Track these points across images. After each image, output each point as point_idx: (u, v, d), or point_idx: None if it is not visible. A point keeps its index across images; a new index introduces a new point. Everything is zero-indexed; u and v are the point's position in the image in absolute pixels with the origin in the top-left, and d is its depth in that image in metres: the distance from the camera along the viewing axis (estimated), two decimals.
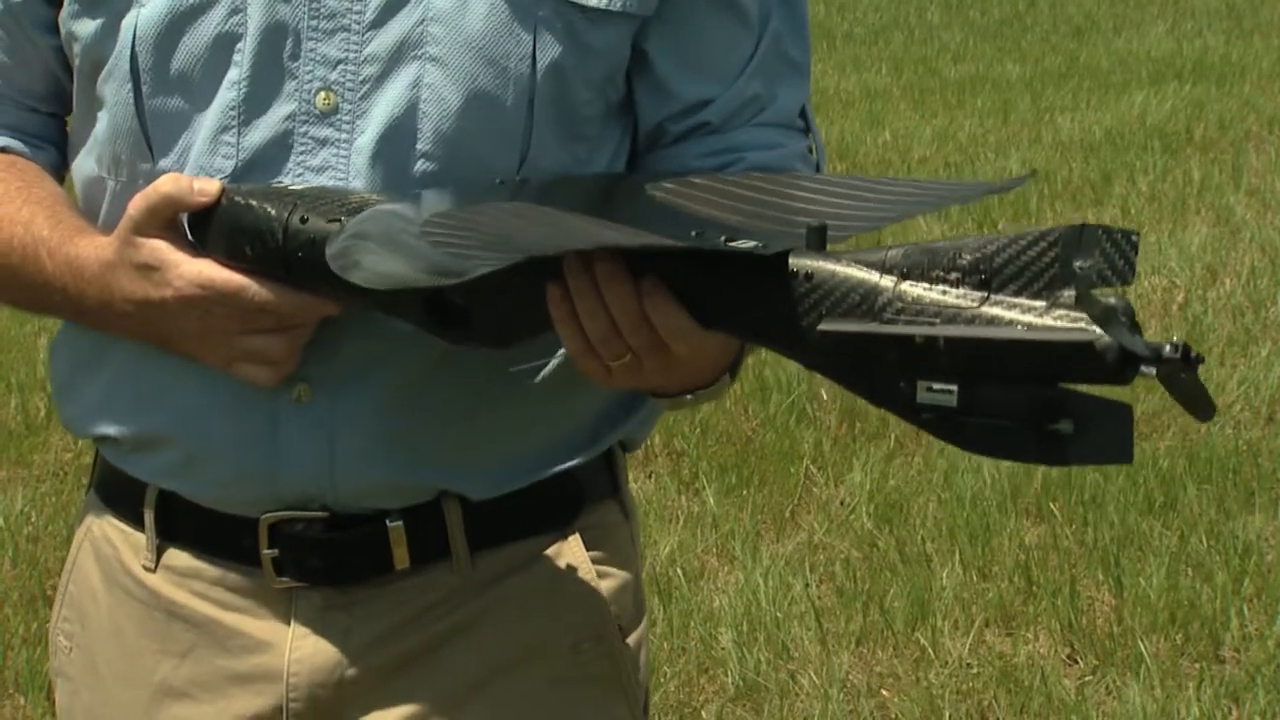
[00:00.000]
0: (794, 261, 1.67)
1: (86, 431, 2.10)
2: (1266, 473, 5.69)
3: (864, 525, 5.53)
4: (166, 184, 1.84)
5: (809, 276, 1.67)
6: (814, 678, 4.68)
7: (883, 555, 5.33)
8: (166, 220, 1.84)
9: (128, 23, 1.92)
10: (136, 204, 1.84)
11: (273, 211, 1.82)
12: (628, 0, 1.95)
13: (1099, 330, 1.58)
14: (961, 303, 1.64)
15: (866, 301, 1.66)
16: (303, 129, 1.92)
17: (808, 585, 5.12)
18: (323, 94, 1.91)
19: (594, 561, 2.13)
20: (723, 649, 4.79)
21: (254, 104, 1.91)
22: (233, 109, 1.91)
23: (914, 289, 1.65)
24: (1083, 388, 1.64)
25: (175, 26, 1.91)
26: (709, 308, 1.73)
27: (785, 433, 6.10)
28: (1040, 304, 1.63)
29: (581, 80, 1.96)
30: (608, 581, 2.14)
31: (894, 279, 1.66)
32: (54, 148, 2.08)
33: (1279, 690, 4.54)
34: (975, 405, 1.65)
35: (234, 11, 1.89)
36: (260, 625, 2.04)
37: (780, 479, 5.84)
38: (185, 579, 2.06)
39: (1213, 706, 4.47)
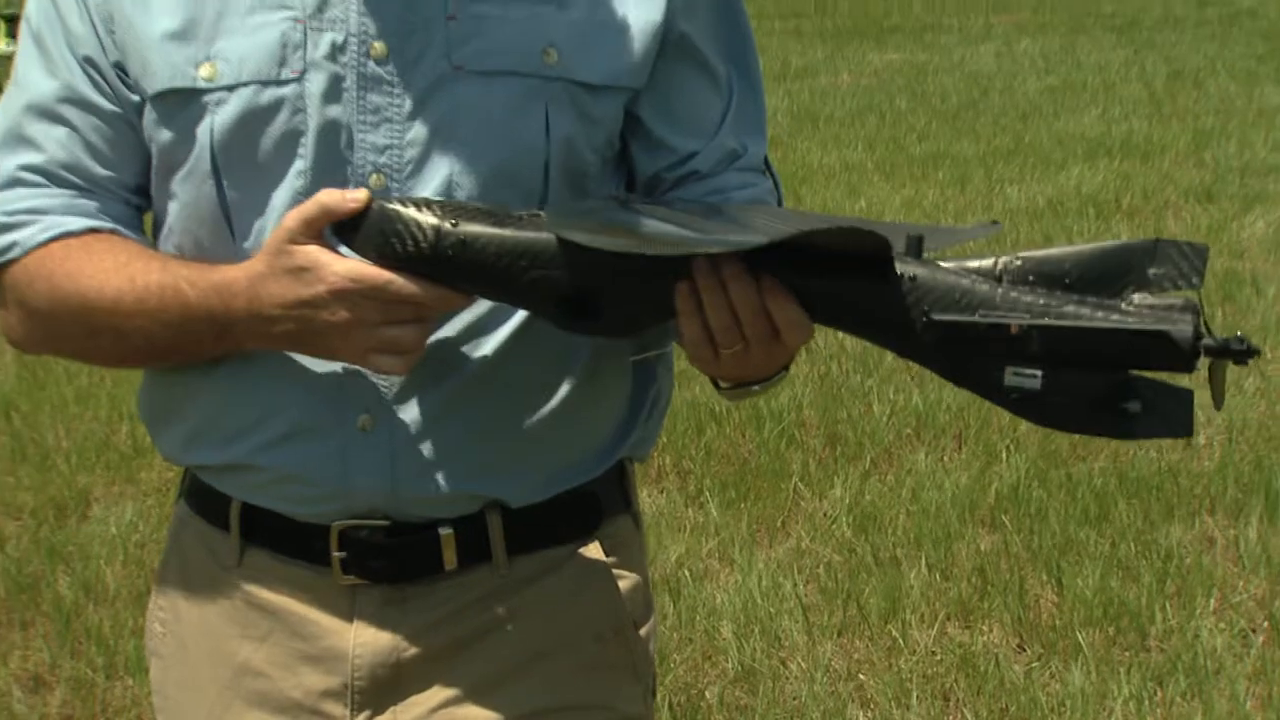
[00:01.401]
0: (900, 266, 1.72)
1: (180, 462, 2.12)
2: (1185, 490, 5.68)
3: (844, 533, 5.51)
4: (323, 196, 1.84)
5: (914, 279, 1.72)
6: (801, 664, 4.68)
7: (860, 559, 5.31)
8: (318, 230, 1.84)
9: (203, 128, 1.93)
10: (291, 217, 1.84)
11: (424, 217, 1.83)
12: (623, 76, 1.98)
13: (1179, 322, 1.66)
14: (1051, 300, 1.70)
15: (969, 298, 1.72)
16: None
17: (796, 585, 5.11)
18: (374, 175, 1.93)
19: (611, 565, 2.15)
20: (724, 639, 4.78)
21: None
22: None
23: (1008, 290, 1.72)
24: (1146, 374, 1.71)
25: (248, 129, 1.92)
26: (819, 304, 1.77)
27: (777, 455, 6.08)
28: (1118, 301, 1.70)
29: (587, 145, 1.99)
30: (623, 582, 2.16)
31: (990, 282, 1.73)
32: (142, 234, 2.06)
33: (1196, 675, 4.53)
34: (1057, 387, 1.71)
35: (295, 112, 1.91)
36: (328, 615, 2.05)
37: (772, 494, 5.82)
38: (264, 575, 2.07)
39: (1140, 689, 4.46)
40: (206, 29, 1.93)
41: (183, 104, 1.94)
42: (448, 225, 1.81)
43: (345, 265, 1.83)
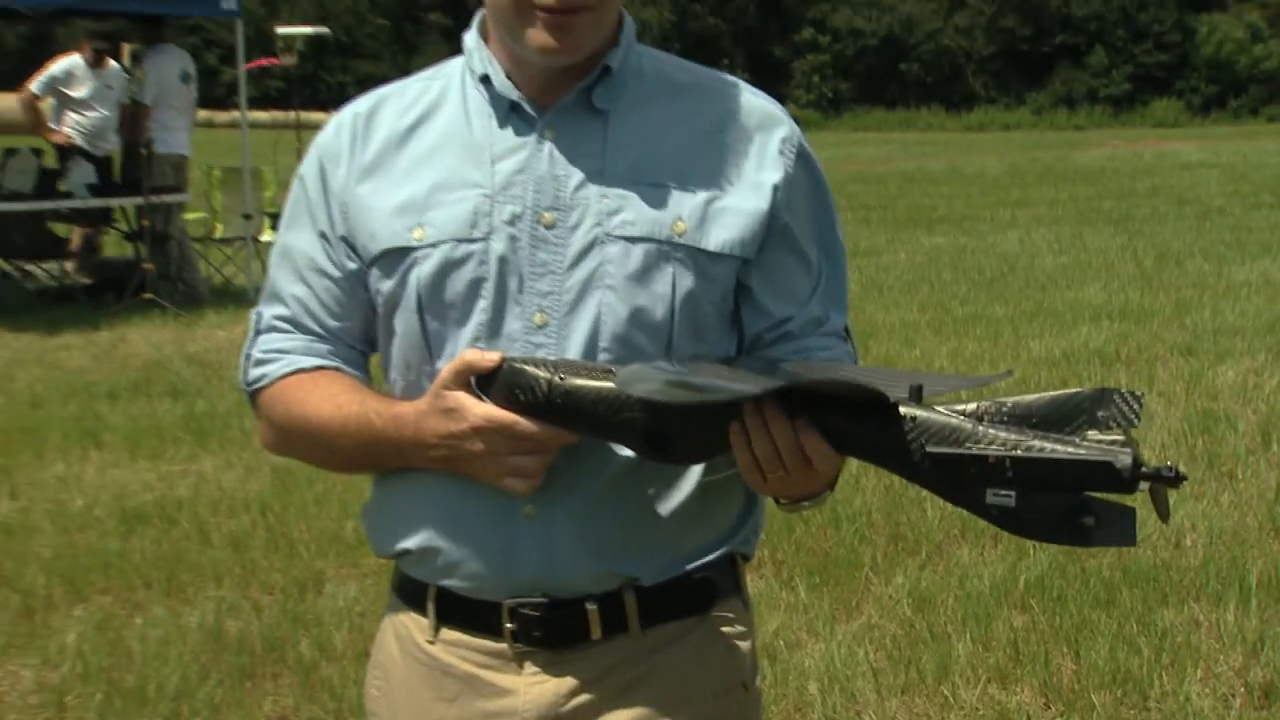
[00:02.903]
0: (903, 410, 1.78)
1: (386, 552, 2.15)
2: (1175, 581, 5.63)
3: (905, 612, 5.46)
4: (468, 354, 1.94)
5: (914, 419, 1.77)
6: (872, 716, 4.63)
7: (918, 633, 5.27)
8: (464, 380, 1.92)
9: (413, 275, 2.01)
10: (446, 370, 1.94)
11: (540, 373, 1.90)
12: (736, 248, 2.02)
13: (1120, 455, 1.69)
14: (1021, 437, 1.73)
15: (955, 435, 1.76)
16: (525, 337, 1.99)
17: (867, 653, 5.07)
18: (538, 314, 1.99)
19: (725, 637, 2.15)
20: (810, 695, 4.74)
21: (495, 322, 2.00)
22: (482, 326, 2.00)
23: (988, 428, 1.76)
24: (1099, 495, 1.73)
25: (444, 277, 2.00)
26: (842, 439, 1.81)
27: (851, 549, 6.05)
28: (1074, 439, 1.74)
29: (705, 299, 2.02)
30: (735, 651, 2.16)
31: (973, 421, 1.77)
32: (365, 374, 2.14)
33: None
34: (1027, 505, 1.74)
35: (481, 263, 1.98)
36: (503, 677, 2.07)
37: (848, 580, 5.79)
38: (455, 648, 2.10)
39: None
40: (420, 204, 2.02)
41: (399, 259, 2.02)
42: (557, 380, 1.89)
43: (482, 409, 1.92)
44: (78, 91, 13.65)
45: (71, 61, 13.76)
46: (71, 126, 13.65)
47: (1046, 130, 57.69)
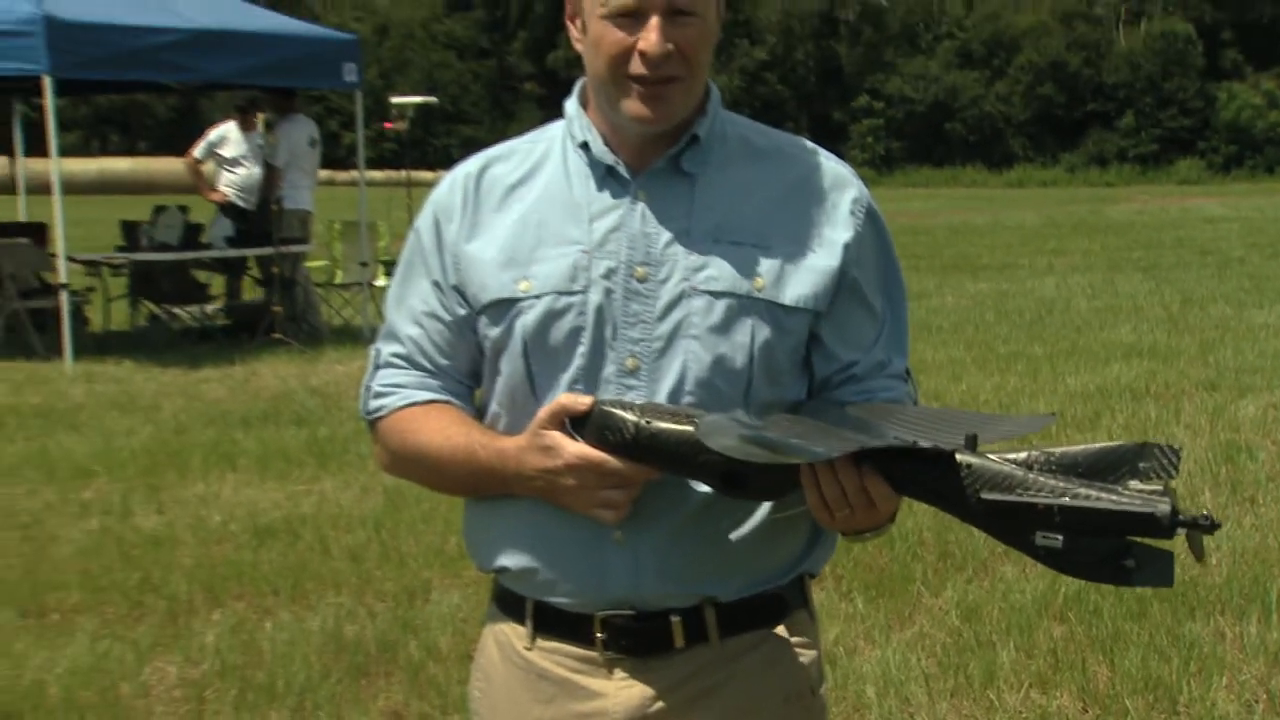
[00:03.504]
0: (960, 458, 1.75)
1: (487, 568, 2.15)
2: (1202, 597, 5.53)
3: (953, 623, 5.40)
4: (563, 398, 1.95)
5: (969, 467, 1.75)
6: (925, 716, 4.59)
7: (965, 641, 5.20)
8: (560, 421, 1.93)
9: (517, 325, 2.01)
10: (544, 412, 1.96)
11: (628, 416, 1.90)
12: (810, 302, 2.02)
13: (1159, 504, 1.67)
14: (1068, 485, 1.71)
15: (1008, 482, 1.74)
16: (618, 380, 1.99)
17: (919, 659, 5.02)
18: (630, 359, 1.99)
19: (794, 646, 2.14)
20: (868, 698, 4.69)
21: (592, 366, 2.00)
22: (580, 369, 2.00)
23: (1038, 476, 1.73)
24: (1140, 539, 1.72)
25: (547, 325, 2.00)
26: (903, 483, 1.80)
27: (905, 565, 5.99)
28: (1117, 488, 1.71)
29: (781, 349, 2.01)
30: (803, 658, 2.15)
31: (1024, 469, 1.75)
32: (470, 406, 2.14)
33: None
34: (1074, 548, 1.71)
35: (580, 314, 1.99)
36: (594, 681, 2.07)
37: (902, 593, 5.74)
38: (550, 654, 2.10)
39: None
40: (524, 258, 2.03)
41: (506, 309, 2.03)
42: (643, 423, 1.89)
43: (576, 448, 1.92)
44: (230, 152, 13.85)
45: (226, 127, 13.99)
46: (226, 184, 13.84)
47: (1080, 187, 57.28)
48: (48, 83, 11.37)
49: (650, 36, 1.92)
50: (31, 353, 12.07)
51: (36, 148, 14.40)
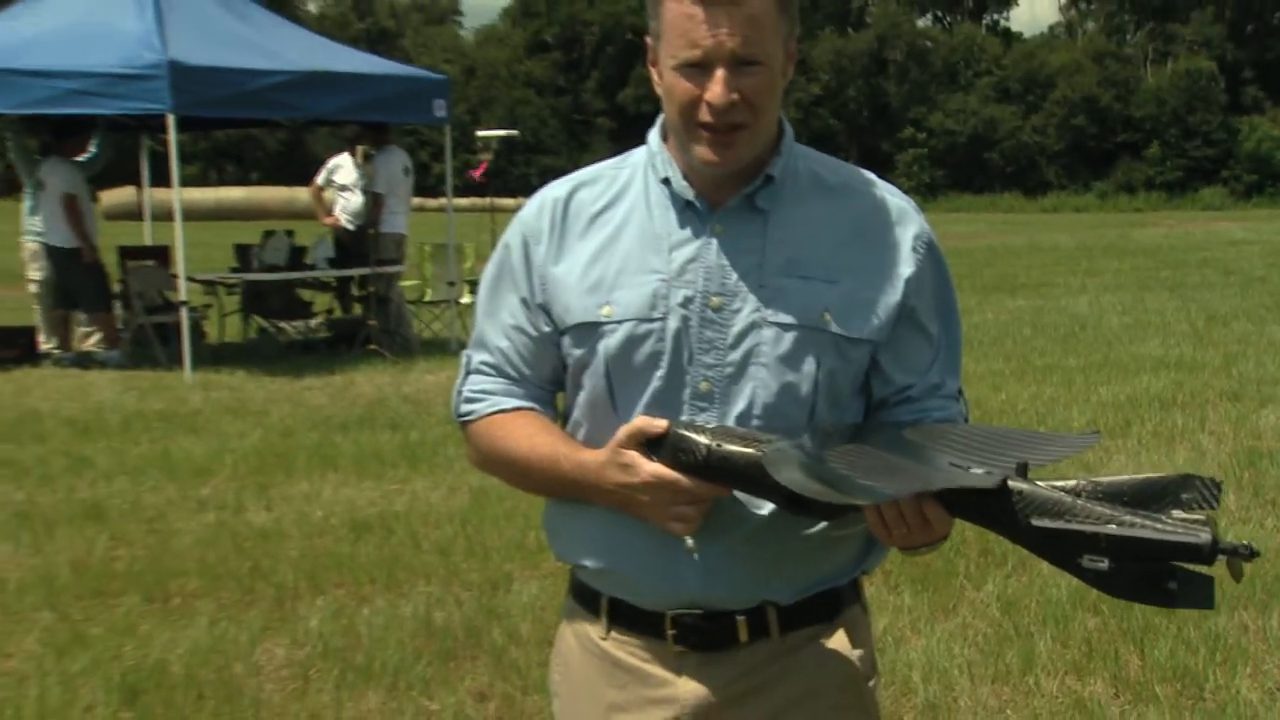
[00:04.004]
0: (1011, 484, 1.72)
1: (567, 562, 2.15)
2: (1227, 592, 5.33)
3: (994, 614, 5.35)
4: (639, 421, 1.94)
5: (1021, 494, 1.72)
6: (967, 701, 4.54)
7: (1005, 632, 5.16)
8: (638, 442, 1.92)
9: (601, 346, 2.00)
10: (622, 432, 1.95)
11: (700, 439, 1.89)
12: (872, 334, 2.00)
13: (1201, 534, 1.65)
14: (1115, 513, 1.69)
15: (1057, 508, 1.71)
16: (692, 402, 1.98)
17: (962, 648, 4.98)
18: (703, 383, 1.98)
19: (848, 638, 2.12)
20: (914, 683, 4.66)
21: (668, 388, 1.98)
22: (658, 391, 1.99)
23: (1086, 504, 1.70)
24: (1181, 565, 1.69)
25: (628, 349, 1.99)
26: (958, 507, 1.77)
27: (948, 561, 5.93)
28: (1160, 517, 1.69)
29: (843, 377, 2.00)
30: (857, 650, 2.13)
31: (1074, 497, 1.72)
32: (552, 409, 2.14)
33: (1237, 719, 4.35)
34: (1119, 571, 1.69)
35: (659, 340, 1.97)
36: (664, 671, 2.07)
37: (946, 587, 5.69)
38: (623, 645, 2.10)
39: None
40: (607, 285, 2.01)
41: (589, 332, 2.02)
42: (714, 446, 1.88)
43: (651, 467, 1.92)
44: (344, 180, 13.97)
45: (341, 157, 14.10)
46: (340, 210, 13.95)
47: (1110, 212, 56.81)
48: (171, 120, 11.52)
49: (715, 89, 1.89)
50: (156, 363, 12.21)
51: (160, 178, 14.55)
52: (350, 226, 13.84)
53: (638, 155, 2.11)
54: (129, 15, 12.10)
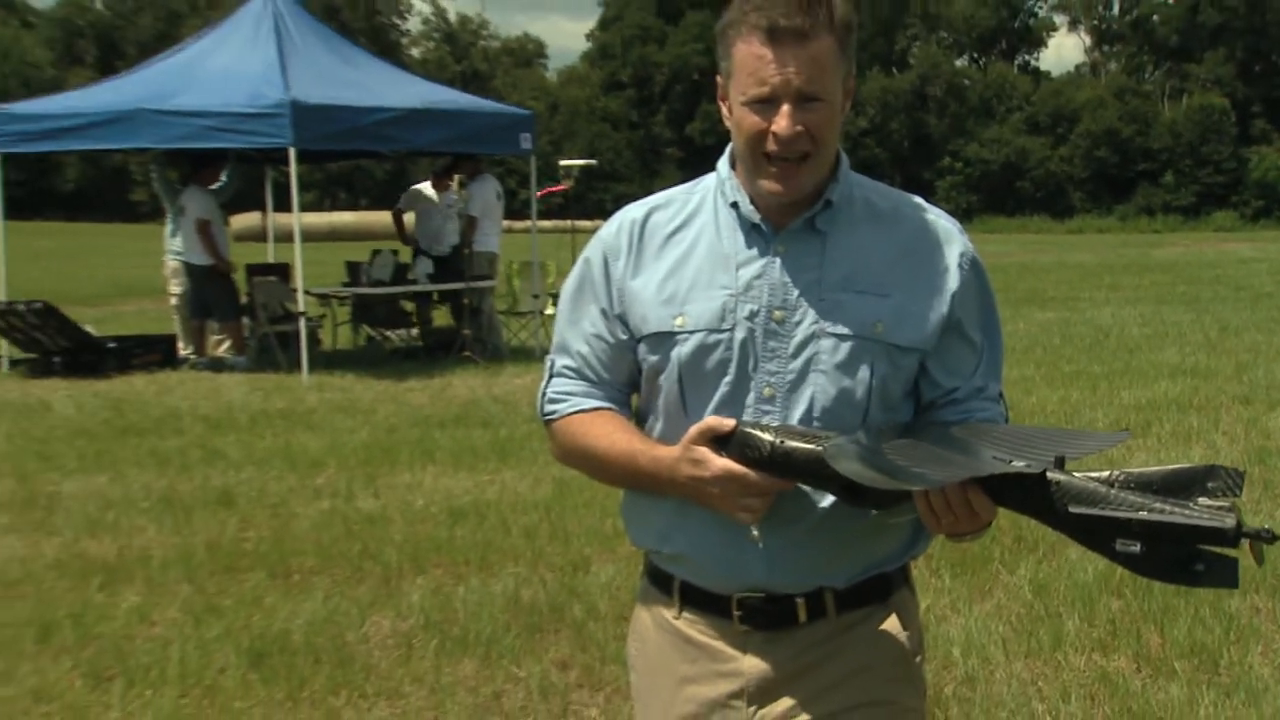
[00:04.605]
0: (1050, 475, 1.71)
1: (642, 548, 2.14)
2: (1240, 577, 5.30)
3: (1026, 596, 5.29)
4: (710, 420, 1.93)
5: (1059, 484, 1.71)
6: (1002, 674, 4.49)
7: (1037, 612, 5.10)
8: (708, 439, 1.91)
9: (675, 354, 2.00)
10: (694, 430, 1.93)
11: (764, 436, 1.87)
12: (921, 343, 1.98)
13: (1226, 519, 1.62)
14: (1146, 501, 1.66)
15: (1092, 497, 1.69)
16: (757, 405, 1.96)
17: (998, 626, 4.93)
18: (767, 388, 1.96)
19: (898, 619, 2.10)
20: (954, 658, 4.62)
21: (735, 392, 1.97)
22: (725, 395, 1.98)
23: (1119, 493, 1.68)
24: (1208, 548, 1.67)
25: (699, 356, 1.98)
26: (1001, 496, 1.75)
27: (984, 547, 5.86)
28: (1188, 504, 1.66)
29: (894, 382, 1.98)
30: (906, 628, 2.11)
31: (1108, 486, 1.69)
32: (627, 410, 2.13)
33: (1252, 692, 4.25)
34: (1150, 554, 1.66)
35: (727, 348, 1.96)
36: (731, 648, 2.06)
37: (982, 570, 5.64)
38: (693, 624, 2.09)
39: (1216, 699, 4.20)
40: (680, 298, 2.01)
41: (664, 340, 2.01)
42: (778, 443, 1.87)
43: (721, 463, 1.90)
44: (423, 207, 14.08)
45: (422, 185, 14.20)
46: (420, 232, 14.06)
47: (1131, 233, 56.00)
48: (292, 153, 11.68)
49: (782, 122, 1.89)
50: (277, 367, 12.36)
51: (282, 204, 14.74)
52: (426, 249, 13.90)
53: (708, 181, 2.10)
54: (256, 60, 12.32)
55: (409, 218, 14.27)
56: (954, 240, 2.05)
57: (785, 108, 1.89)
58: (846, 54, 1.94)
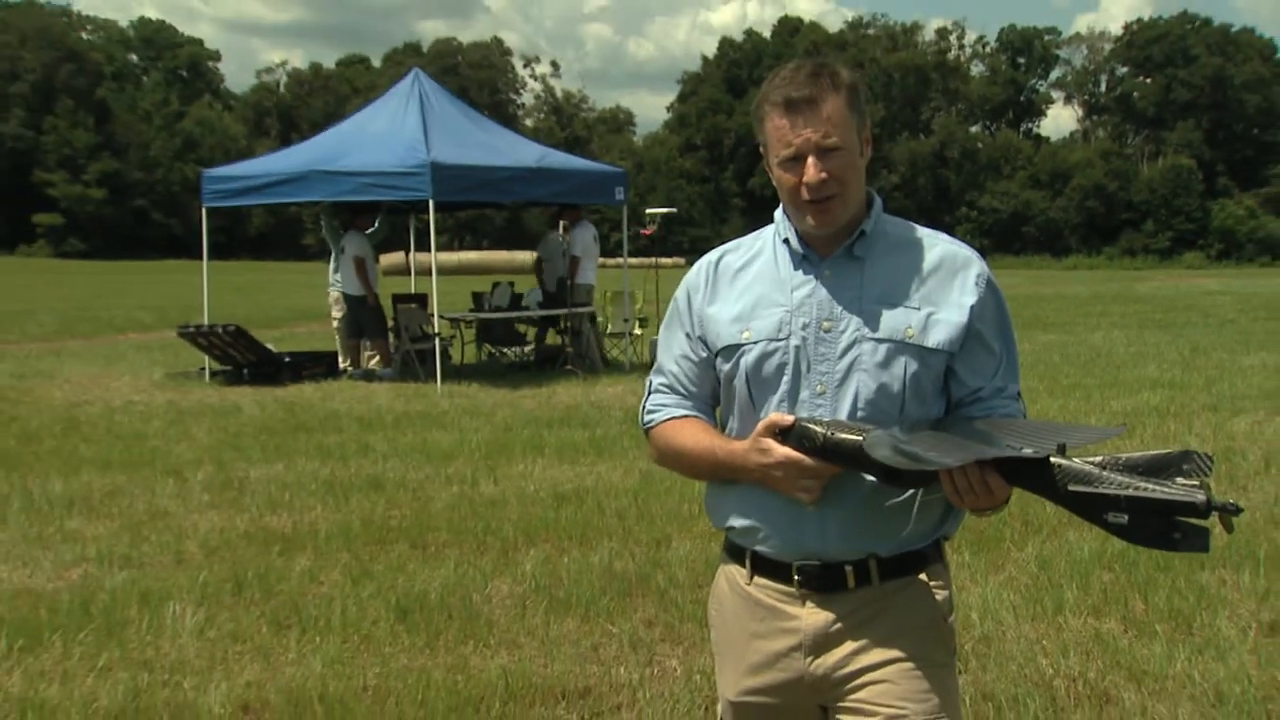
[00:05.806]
0: (1053, 460, 1.69)
1: (720, 526, 2.12)
2: (1210, 555, 5.19)
3: (1033, 570, 5.17)
4: (772, 416, 1.93)
5: (1060, 467, 1.69)
6: (1012, 634, 4.39)
7: (1041, 583, 4.98)
8: (772, 432, 1.90)
9: (741, 362, 2.00)
10: (761, 425, 1.95)
11: (817, 429, 1.86)
12: (946, 346, 1.96)
13: (1198, 494, 1.61)
14: (1131, 480, 1.64)
15: (1088, 478, 1.67)
16: (811, 400, 1.95)
17: (1009, 594, 4.82)
18: (819, 386, 1.95)
19: (932, 586, 2.06)
20: (973, 621, 4.52)
21: (793, 391, 1.96)
22: (785, 393, 1.97)
23: (1109, 474, 1.66)
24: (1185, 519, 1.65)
25: (762, 362, 1.98)
26: (1013, 477, 1.73)
27: (997, 529, 5.74)
28: (1168, 483, 1.64)
29: (925, 379, 1.96)
30: (938, 595, 2.07)
31: (1100, 469, 1.68)
32: (712, 419, 2.12)
33: (1220, 648, 4.11)
34: (1136, 524, 1.65)
35: (784, 354, 1.96)
36: (792, 609, 2.03)
37: (995, 549, 5.52)
38: (762, 588, 2.07)
39: (1189, 654, 4.06)
40: (747, 316, 2.02)
41: (734, 351, 2.02)
42: (828, 435, 1.86)
43: (783, 451, 1.92)
44: (544, 248, 14.15)
45: (553, 235, 14.23)
46: (547, 273, 14.07)
47: (1117, 270, 55.22)
48: (431, 204, 11.81)
49: (809, 172, 1.93)
50: (416, 378, 12.48)
51: (421, 245, 14.92)
52: (544, 282, 13.96)
53: (768, 229, 2.14)
54: (404, 129, 12.49)
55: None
56: (972, 264, 2.04)
57: (810, 160, 1.93)
58: (856, 109, 1.96)
